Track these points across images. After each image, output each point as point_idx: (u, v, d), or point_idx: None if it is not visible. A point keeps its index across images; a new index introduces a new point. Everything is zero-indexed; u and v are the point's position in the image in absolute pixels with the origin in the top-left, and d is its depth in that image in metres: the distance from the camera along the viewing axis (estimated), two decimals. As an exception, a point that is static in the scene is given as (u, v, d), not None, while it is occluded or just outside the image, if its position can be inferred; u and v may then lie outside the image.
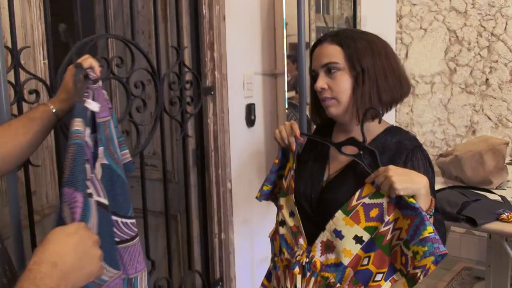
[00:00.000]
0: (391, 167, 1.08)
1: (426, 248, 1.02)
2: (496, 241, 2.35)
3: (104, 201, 1.08)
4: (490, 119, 3.34)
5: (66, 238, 0.72)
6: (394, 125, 1.28)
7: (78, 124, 0.97)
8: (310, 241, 1.22)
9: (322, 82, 1.20)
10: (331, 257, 1.17)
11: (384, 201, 1.10)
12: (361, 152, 1.15)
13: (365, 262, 1.12)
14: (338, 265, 1.15)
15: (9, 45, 1.30)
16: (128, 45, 1.63)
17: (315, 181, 1.26)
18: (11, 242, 1.25)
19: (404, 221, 1.08)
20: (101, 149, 1.12)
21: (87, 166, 0.96)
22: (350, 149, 1.18)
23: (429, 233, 1.03)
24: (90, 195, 1.05)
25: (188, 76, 1.99)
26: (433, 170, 1.21)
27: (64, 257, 0.70)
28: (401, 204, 1.08)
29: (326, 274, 1.17)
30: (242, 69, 2.25)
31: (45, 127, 1.11)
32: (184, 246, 2.21)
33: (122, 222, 1.15)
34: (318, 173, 1.27)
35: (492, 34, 3.25)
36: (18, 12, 1.31)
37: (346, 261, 1.14)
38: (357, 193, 1.13)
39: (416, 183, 1.07)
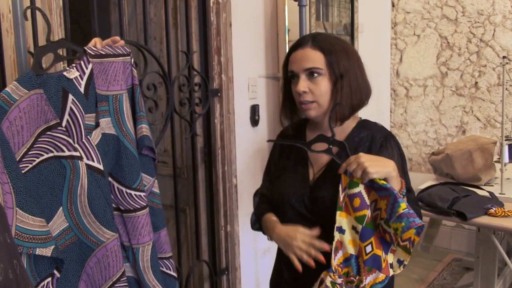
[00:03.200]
0: (361, 154, 1.09)
1: (403, 224, 1.03)
2: (484, 234, 2.35)
3: (97, 165, 1.07)
4: (479, 119, 3.32)
5: None
6: (363, 119, 1.28)
7: (10, 87, 0.96)
8: None
9: (304, 85, 1.17)
10: (339, 255, 1.14)
11: (360, 189, 1.10)
12: (331, 147, 1.15)
13: (369, 249, 1.11)
14: (348, 258, 1.13)
15: (32, 50, 1.30)
16: (141, 50, 1.63)
17: (303, 183, 1.23)
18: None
19: (382, 202, 1.08)
20: (107, 120, 1.13)
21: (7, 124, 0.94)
22: (321, 146, 1.17)
23: (403, 209, 1.04)
24: (80, 158, 1.04)
25: (196, 79, 1.99)
26: (404, 154, 1.23)
27: None
28: (375, 187, 1.08)
29: (345, 270, 1.14)
30: (247, 72, 2.25)
31: None
32: (192, 237, 2.21)
33: (126, 192, 1.15)
34: (303, 175, 1.24)
35: (481, 40, 3.24)
36: (40, 19, 1.31)
37: (354, 250, 1.12)
38: (340, 188, 1.12)
39: (387, 167, 1.08)
